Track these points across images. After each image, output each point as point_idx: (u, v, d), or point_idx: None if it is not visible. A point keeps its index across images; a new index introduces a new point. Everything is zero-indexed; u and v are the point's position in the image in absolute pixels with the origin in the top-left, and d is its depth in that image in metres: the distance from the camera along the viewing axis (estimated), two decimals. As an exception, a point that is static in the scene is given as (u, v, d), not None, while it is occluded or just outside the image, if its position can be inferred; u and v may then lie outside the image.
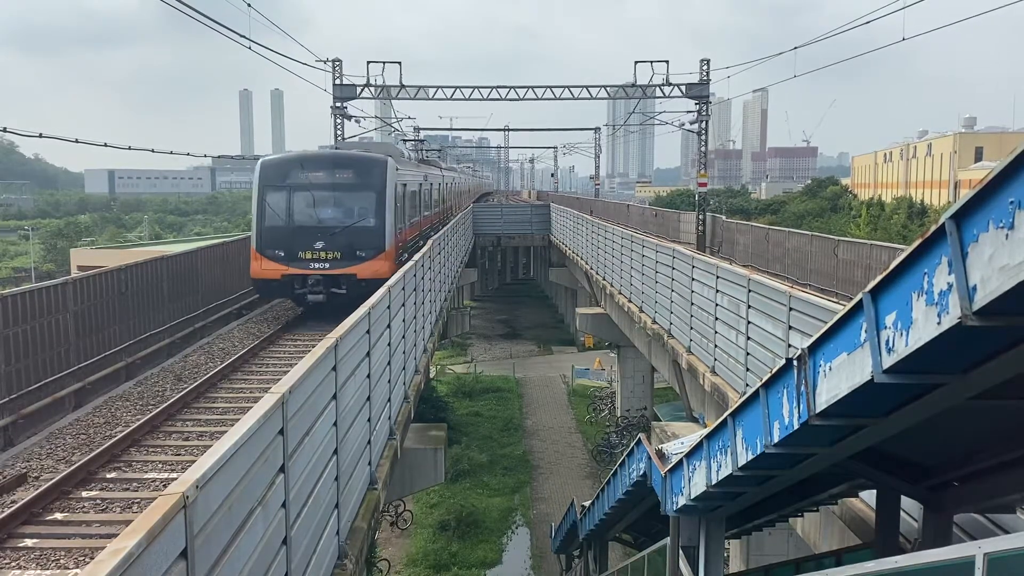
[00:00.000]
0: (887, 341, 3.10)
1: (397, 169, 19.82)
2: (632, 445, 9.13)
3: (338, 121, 34.03)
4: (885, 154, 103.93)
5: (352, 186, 18.74)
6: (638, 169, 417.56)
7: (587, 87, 36.29)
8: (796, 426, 4.09)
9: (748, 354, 11.89)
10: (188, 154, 22.02)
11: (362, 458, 8.02)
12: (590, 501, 13.59)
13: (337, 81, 33.78)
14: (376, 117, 52.19)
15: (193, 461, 3.83)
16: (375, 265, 18.14)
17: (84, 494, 9.20)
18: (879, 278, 3.14)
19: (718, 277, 13.43)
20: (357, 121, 36.17)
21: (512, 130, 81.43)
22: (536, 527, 24.41)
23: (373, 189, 18.65)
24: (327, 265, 18.05)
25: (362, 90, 34.26)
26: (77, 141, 16.20)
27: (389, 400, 10.05)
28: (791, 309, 10.14)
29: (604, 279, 26.66)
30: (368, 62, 33.93)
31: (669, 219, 35.33)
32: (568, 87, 36.17)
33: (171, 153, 20.68)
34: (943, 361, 3.10)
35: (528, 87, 35.99)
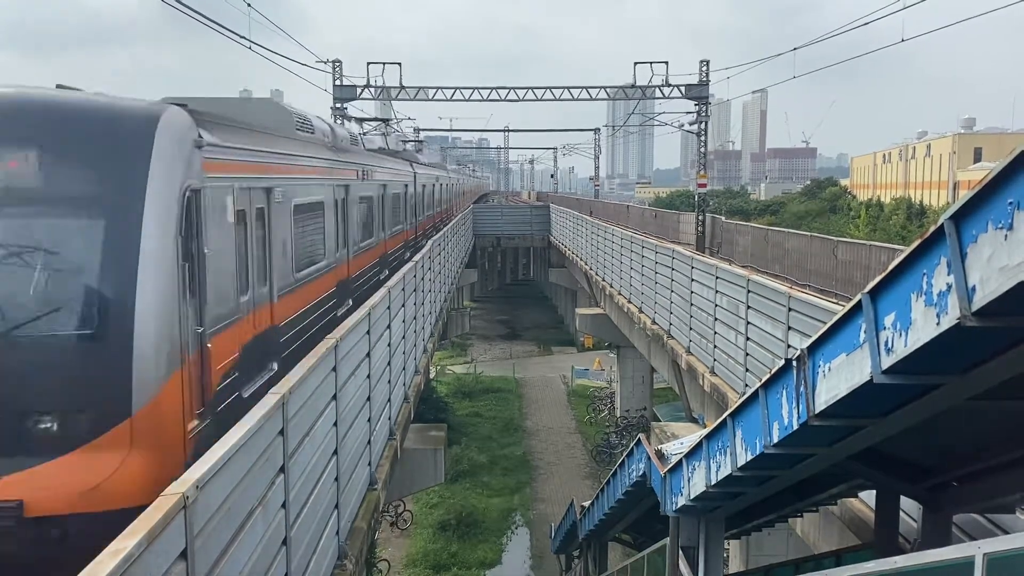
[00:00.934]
0: (886, 342, 3.10)
1: (207, 148, 6.91)
2: (632, 445, 9.13)
3: (338, 122, 34.04)
4: (884, 155, 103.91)
5: (35, 201, 5.99)
6: (638, 170, 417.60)
7: (587, 88, 36.35)
8: (795, 426, 4.10)
9: (747, 355, 11.89)
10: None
11: (362, 458, 8.03)
12: (590, 501, 13.59)
13: (337, 82, 33.81)
14: (376, 118, 52.17)
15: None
16: (90, 467, 5.67)
17: (84, 494, 9.04)
18: (878, 279, 3.14)
19: (717, 278, 13.44)
20: (358, 122, 36.18)
21: (512, 131, 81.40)
22: (536, 527, 24.40)
23: (102, 212, 6.04)
24: None
25: (362, 91, 34.30)
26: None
27: (389, 400, 10.05)
28: (790, 310, 10.15)
29: (604, 280, 26.66)
30: (368, 63, 33.98)
31: (668, 220, 35.32)
32: (568, 88, 36.23)
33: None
34: (942, 361, 3.10)
35: (528, 88, 36.05)
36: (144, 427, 5.87)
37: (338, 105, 33.93)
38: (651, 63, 33.74)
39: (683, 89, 33.09)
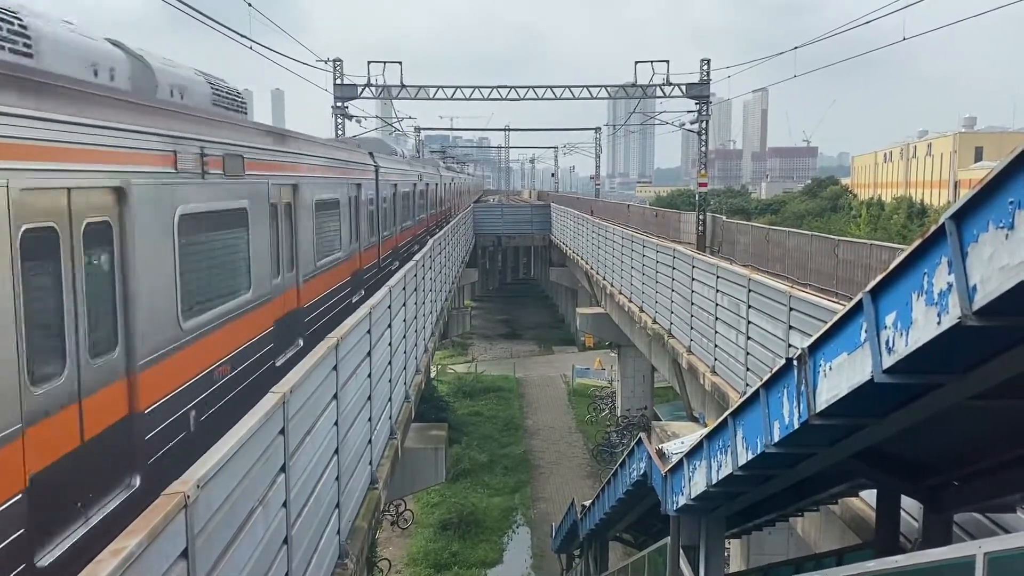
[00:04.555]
0: (887, 341, 3.10)
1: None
2: (632, 445, 9.13)
3: (339, 121, 34.05)
4: (885, 154, 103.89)
5: None
6: (638, 169, 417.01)
7: (588, 87, 36.34)
8: (796, 426, 4.10)
9: (748, 354, 11.89)
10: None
11: (363, 458, 8.03)
12: (590, 501, 13.59)
13: (338, 81, 33.81)
14: (377, 117, 52.27)
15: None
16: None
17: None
18: (879, 278, 3.14)
19: (718, 277, 13.43)
20: (358, 121, 36.23)
21: (513, 130, 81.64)
22: (536, 527, 24.40)
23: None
24: None
25: (363, 90, 34.30)
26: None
27: (390, 399, 10.05)
28: (791, 309, 10.15)
29: (604, 279, 26.66)
30: (369, 62, 34.03)
31: (669, 219, 35.31)
32: (569, 87, 36.23)
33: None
34: (943, 361, 3.10)
35: (529, 87, 36.06)
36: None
37: (339, 104, 33.93)
38: (652, 62, 33.80)
39: (684, 88, 33.09)
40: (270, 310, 9.33)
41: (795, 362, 4.07)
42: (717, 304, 13.43)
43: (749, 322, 11.82)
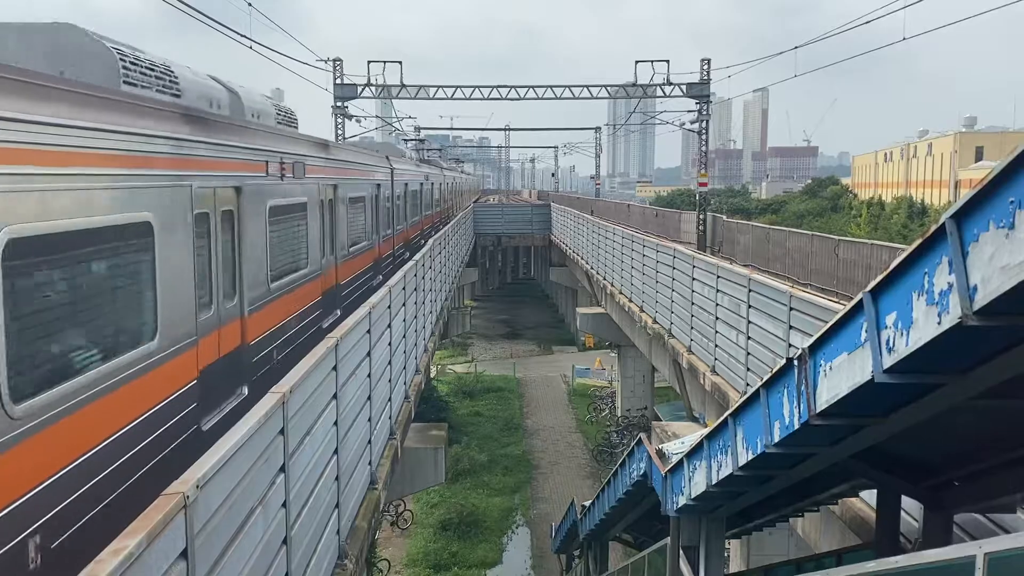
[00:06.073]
0: (887, 341, 3.10)
1: None
2: (632, 445, 9.13)
3: (339, 120, 34.06)
4: (885, 154, 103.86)
5: None
6: (639, 169, 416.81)
7: (588, 86, 36.35)
8: (796, 426, 4.10)
9: (749, 354, 11.89)
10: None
11: (362, 458, 8.02)
12: (590, 501, 13.58)
13: (338, 80, 33.83)
14: (377, 116, 52.25)
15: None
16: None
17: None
18: (879, 278, 3.14)
19: (719, 277, 13.43)
20: (358, 121, 36.27)
21: (513, 130, 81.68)
22: (536, 527, 24.40)
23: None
24: None
25: (363, 90, 34.32)
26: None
27: (390, 400, 10.04)
28: (792, 309, 10.14)
29: (605, 279, 26.65)
30: (369, 61, 34.07)
31: (670, 219, 35.30)
32: (569, 87, 36.22)
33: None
34: (944, 361, 3.10)
35: (529, 87, 36.08)
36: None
37: (339, 104, 33.94)
38: (652, 62, 33.84)
39: (684, 88, 33.11)
40: (192, 357, 6.94)
41: (795, 362, 4.07)
42: (717, 304, 13.43)
43: (749, 322, 11.81)
